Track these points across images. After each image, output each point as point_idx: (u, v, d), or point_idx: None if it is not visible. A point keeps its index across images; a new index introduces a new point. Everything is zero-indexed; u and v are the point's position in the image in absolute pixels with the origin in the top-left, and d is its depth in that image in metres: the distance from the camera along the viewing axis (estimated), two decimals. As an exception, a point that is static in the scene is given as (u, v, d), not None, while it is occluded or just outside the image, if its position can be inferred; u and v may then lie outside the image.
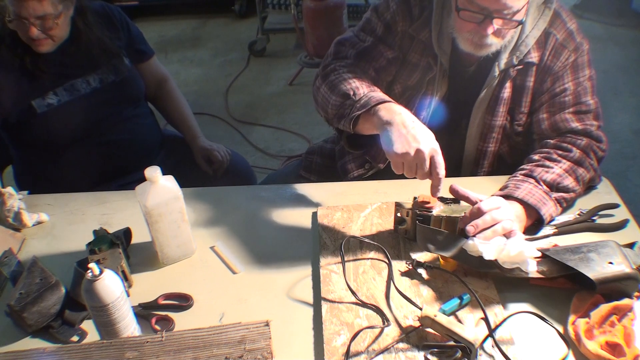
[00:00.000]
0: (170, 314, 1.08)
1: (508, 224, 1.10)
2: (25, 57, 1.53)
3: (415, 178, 1.13)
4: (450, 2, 1.28)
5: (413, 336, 0.99)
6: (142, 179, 1.12)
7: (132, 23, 1.77)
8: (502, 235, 1.09)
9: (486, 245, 1.06)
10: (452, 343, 0.95)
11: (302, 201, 1.37)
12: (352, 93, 1.25)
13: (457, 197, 1.18)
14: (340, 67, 1.36)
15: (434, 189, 1.13)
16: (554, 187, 1.22)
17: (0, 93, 1.53)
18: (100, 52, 1.62)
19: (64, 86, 1.59)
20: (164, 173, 1.14)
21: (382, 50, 1.39)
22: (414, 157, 1.09)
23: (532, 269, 1.05)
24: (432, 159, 1.10)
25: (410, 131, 1.11)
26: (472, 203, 1.14)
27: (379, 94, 1.23)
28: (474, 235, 1.08)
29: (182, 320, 1.07)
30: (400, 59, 1.41)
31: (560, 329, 1.00)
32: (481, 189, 1.22)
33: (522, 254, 1.03)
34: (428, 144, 1.10)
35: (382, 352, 0.96)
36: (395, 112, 1.16)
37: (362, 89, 1.26)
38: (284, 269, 1.17)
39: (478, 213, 1.10)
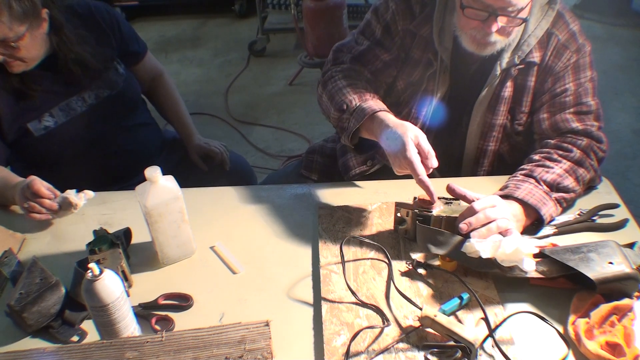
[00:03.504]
0: (170, 314, 1.08)
1: (503, 223, 1.10)
2: (13, 78, 1.45)
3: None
4: (454, 0, 1.28)
5: (413, 336, 0.99)
6: (142, 181, 1.12)
7: (123, 21, 1.68)
8: (498, 233, 1.09)
9: (482, 244, 1.06)
10: (452, 343, 0.95)
11: (302, 201, 1.37)
12: (345, 107, 1.29)
13: (454, 196, 1.18)
14: (336, 73, 1.40)
15: (428, 194, 1.16)
16: (554, 187, 1.22)
17: None
18: (91, 70, 1.55)
19: (60, 106, 1.53)
20: (164, 173, 1.14)
21: (378, 54, 1.41)
22: (404, 171, 1.16)
23: (530, 268, 1.05)
24: (408, 168, 1.14)
25: (389, 150, 1.17)
26: (470, 202, 1.14)
27: (368, 104, 1.27)
28: (468, 234, 1.09)
29: (182, 320, 1.07)
30: (402, 58, 1.42)
31: (560, 329, 1.00)
32: (481, 188, 1.22)
33: (519, 250, 1.03)
34: (410, 136, 1.14)
35: (382, 352, 0.96)
36: (378, 129, 1.21)
37: (354, 100, 1.29)
38: (284, 269, 1.17)
39: (472, 211, 1.10)
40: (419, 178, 1.12)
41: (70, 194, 1.29)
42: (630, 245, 1.11)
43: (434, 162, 1.15)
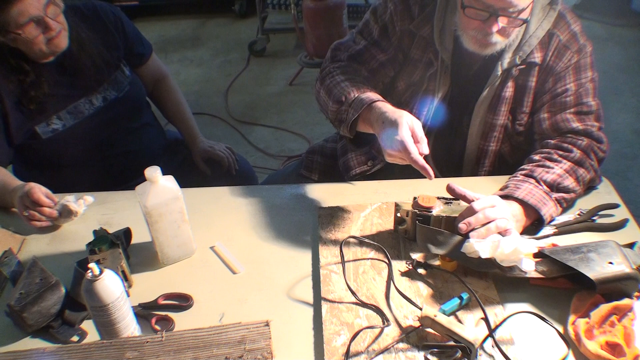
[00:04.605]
0: (170, 314, 1.08)
1: (503, 223, 1.10)
2: (25, 80, 1.46)
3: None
4: (455, 0, 1.28)
5: (413, 336, 0.99)
6: (144, 181, 1.12)
7: (127, 22, 1.69)
8: (497, 233, 1.09)
9: (481, 244, 1.06)
10: (452, 343, 0.95)
11: (303, 201, 1.37)
12: (344, 99, 1.30)
13: (454, 196, 1.18)
14: (334, 69, 1.41)
15: (424, 173, 1.13)
16: (554, 187, 1.22)
17: (2, 118, 1.47)
18: (100, 69, 1.56)
19: (68, 109, 1.54)
20: (167, 173, 1.14)
21: (374, 54, 1.41)
22: (395, 157, 1.15)
23: (529, 268, 1.05)
24: (401, 149, 1.12)
25: (382, 134, 1.16)
26: (470, 202, 1.14)
27: (366, 95, 1.27)
28: (467, 233, 1.09)
29: (182, 320, 1.07)
30: (400, 59, 1.42)
31: (560, 329, 1.00)
32: (482, 188, 1.22)
33: (517, 250, 1.03)
34: (405, 120, 1.14)
35: (382, 352, 0.96)
36: (375, 117, 1.21)
37: (352, 92, 1.30)
38: (284, 269, 1.17)
39: (471, 211, 1.10)
40: (411, 157, 1.11)
41: (70, 200, 1.29)
42: (630, 245, 1.11)
43: (424, 149, 1.13)
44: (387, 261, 1.14)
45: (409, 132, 1.13)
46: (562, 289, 1.07)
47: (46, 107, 1.51)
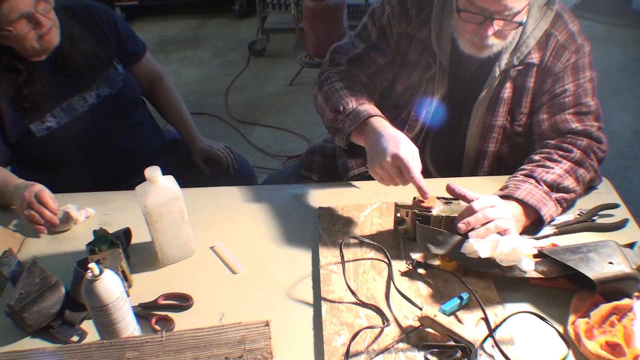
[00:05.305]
0: (170, 314, 1.08)
1: (502, 223, 1.10)
2: (18, 78, 1.46)
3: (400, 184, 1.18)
4: (451, 3, 1.28)
5: (413, 336, 0.99)
6: (143, 181, 1.12)
7: (119, 20, 1.69)
8: (496, 233, 1.09)
9: (480, 243, 1.06)
10: (452, 343, 0.95)
11: (302, 201, 1.37)
12: (341, 108, 1.30)
13: (453, 196, 1.18)
14: (333, 75, 1.41)
15: (421, 193, 1.16)
16: (554, 187, 1.22)
17: None
18: (93, 66, 1.57)
19: (62, 106, 1.54)
20: (167, 174, 1.14)
21: (374, 57, 1.41)
22: (384, 170, 1.16)
23: (528, 268, 1.05)
24: (400, 165, 1.14)
25: (379, 146, 1.17)
26: (469, 202, 1.14)
27: (364, 107, 1.27)
28: (466, 233, 1.09)
29: (182, 320, 1.07)
30: (398, 62, 1.42)
31: (560, 329, 1.00)
32: (481, 189, 1.22)
33: (516, 250, 1.03)
34: (406, 141, 1.15)
35: (382, 352, 0.96)
36: (371, 130, 1.22)
37: (350, 103, 1.30)
38: (284, 269, 1.17)
39: (470, 211, 1.10)
40: (411, 174, 1.13)
41: (71, 208, 1.30)
42: (630, 245, 1.11)
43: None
44: (387, 261, 1.14)
45: (410, 153, 1.15)
46: (562, 289, 1.07)
47: (40, 105, 1.51)
